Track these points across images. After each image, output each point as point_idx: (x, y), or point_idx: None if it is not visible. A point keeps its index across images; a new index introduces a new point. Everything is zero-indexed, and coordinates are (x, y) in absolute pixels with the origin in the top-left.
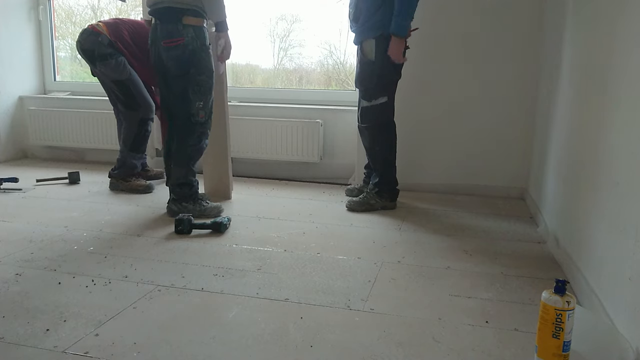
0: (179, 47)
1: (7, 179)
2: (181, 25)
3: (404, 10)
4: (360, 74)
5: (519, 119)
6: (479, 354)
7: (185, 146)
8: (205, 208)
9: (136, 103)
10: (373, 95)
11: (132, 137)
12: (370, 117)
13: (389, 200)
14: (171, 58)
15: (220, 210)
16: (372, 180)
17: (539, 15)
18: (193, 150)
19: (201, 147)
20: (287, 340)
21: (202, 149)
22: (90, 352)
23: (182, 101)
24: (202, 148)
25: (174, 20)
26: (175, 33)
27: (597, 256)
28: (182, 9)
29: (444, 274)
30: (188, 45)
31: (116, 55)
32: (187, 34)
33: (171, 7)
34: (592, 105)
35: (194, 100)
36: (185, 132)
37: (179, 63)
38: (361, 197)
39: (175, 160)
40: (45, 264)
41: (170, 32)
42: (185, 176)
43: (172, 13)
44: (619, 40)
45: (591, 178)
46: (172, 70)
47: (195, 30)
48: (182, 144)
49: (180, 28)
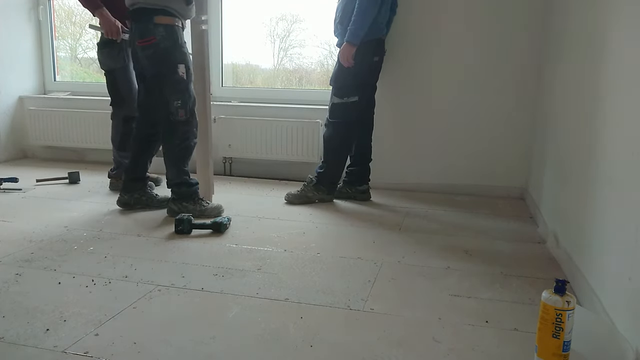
0: (151, 46)
1: (7, 179)
2: (152, 25)
3: (359, 21)
4: (337, 72)
5: (518, 119)
6: (479, 354)
7: (171, 146)
8: (205, 208)
9: (120, 97)
10: (345, 94)
11: (119, 135)
12: (339, 114)
13: (326, 193)
14: (145, 57)
15: (221, 211)
16: (317, 169)
17: (541, 16)
18: (180, 150)
19: (188, 146)
20: (287, 340)
21: (189, 147)
22: (90, 352)
23: (160, 101)
24: (190, 147)
25: (146, 20)
26: (147, 32)
27: (597, 256)
28: (153, 9)
29: (444, 274)
30: (160, 44)
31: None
32: (158, 33)
33: (144, 8)
34: (591, 105)
35: (171, 99)
36: (168, 132)
37: (152, 62)
38: (299, 190)
39: (165, 160)
40: (45, 264)
41: (142, 32)
42: (178, 175)
43: (145, 13)
44: (618, 40)
45: (591, 178)
46: (148, 70)
47: (166, 29)
48: (167, 144)
49: (152, 27)
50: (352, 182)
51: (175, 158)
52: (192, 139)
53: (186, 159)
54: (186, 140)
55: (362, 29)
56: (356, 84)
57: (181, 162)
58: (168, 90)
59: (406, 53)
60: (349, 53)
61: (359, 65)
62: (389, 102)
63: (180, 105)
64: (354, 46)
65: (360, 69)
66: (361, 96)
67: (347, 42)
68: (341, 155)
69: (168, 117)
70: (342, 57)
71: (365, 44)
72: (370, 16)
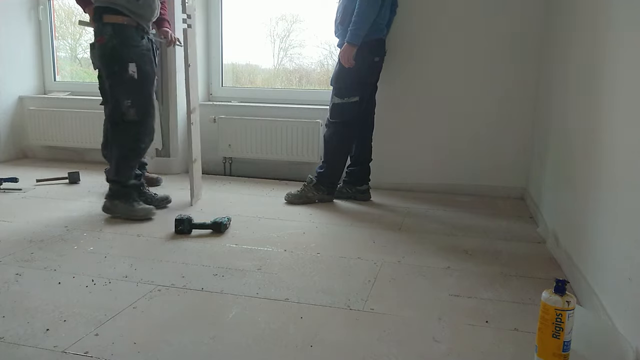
0: (101, 45)
1: (7, 179)
2: (101, 24)
3: (359, 21)
4: (337, 72)
5: (519, 119)
6: (479, 354)
7: (120, 146)
8: (133, 209)
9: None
10: (346, 94)
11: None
12: (339, 114)
13: (326, 193)
14: (98, 56)
15: (151, 213)
16: (317, 169)
17: (541, 16)
18: (129, 150)
19: (137, 149)
20: (287, 340)
21: (138, 150)
22: (90, 352)
23: (111, 99)
24: (140, 150)
25: (97, 19)
26: (97, 32)
27: (597, 256)
28: (101, 7)
29: (444, 274)
30: (108, 43)
31: None
32: (106, 32)
33: (96, 7)
34: (591, 104)
35: (121, 98)
36: (119, 132)
37: (103, 61)
38: (299, 190)
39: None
40: (45, 264)
41: (95, 32)
42: (116, 173)
43: (96, 12)
44: (618, 40)
45: (591, 178)
46: (102, 70)
47: (114, 27)
48: (116, 143)
49: (101, 27)
50: (352, 182)
51: (120, 156)
52: (143, 142)
53: (132, 160)
54: (137, 141)
55: (362, 29)
56: (357, 84)
57: (125, 162)
58: (118, 90)
59: (406, 53)
60: (349, 54)
61: (360, 65)
62: (390, 102)
63: (131, 105)
64: (355, 47)
65: (360, 69)
66: (362, 96)
67: (347, 43)
68: (341, 155)
69: (121, 117)
70: (342, 58)
71: (365, 44)
72: (370, 17)
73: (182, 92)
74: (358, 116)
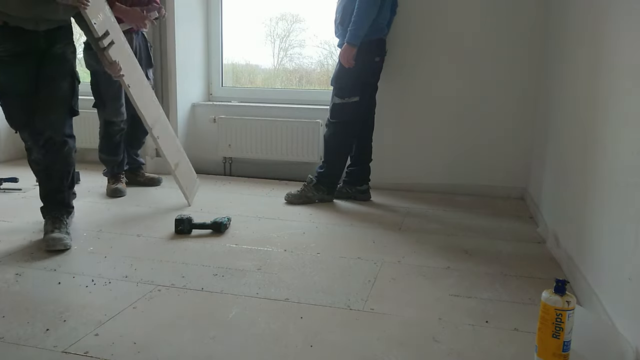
0: None
1: (7, 179)
2: None
3: (358, 22)
4: (338, 72)
5: (519, 119)
6: (479, 354)
7: None
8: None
9: (101, 100)
10: (346, 94)
11: (99, 138)
12: (339, 114)
13: (326, 193)
14: None
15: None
16: (317, 169)
17: (542, 16)
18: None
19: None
20: (287, 340)
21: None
22: (90, 352)
23: None
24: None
25: None
26: None
27: (597, 256)
28: None
29: (444, 274)
30: None
31: None
32: None
33: None
34: (592, 104)
35: None
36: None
37: None
38: (299, 190)
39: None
40: (45, 264)
41: None
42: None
43: None
44: (618, 40)
45: (591, 178)
46: None
47: None
48: None
49: None
50: (352, 182)
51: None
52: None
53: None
54: None
55: (362, 29)
56: (357, 84)
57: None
58: None
59: (407, 53)
60: (349, 54)
61: (360, 65)
62: (390, 102)
63: None
64: (354, 47)
65: (361, 69)
66: (362, 96)
67: (347, 43)
68: (341, 155)
69: None
70: (342, 58)
71: (366, 44)
72: (370, 17)
73: (181, 92)
74: (358, 116)
